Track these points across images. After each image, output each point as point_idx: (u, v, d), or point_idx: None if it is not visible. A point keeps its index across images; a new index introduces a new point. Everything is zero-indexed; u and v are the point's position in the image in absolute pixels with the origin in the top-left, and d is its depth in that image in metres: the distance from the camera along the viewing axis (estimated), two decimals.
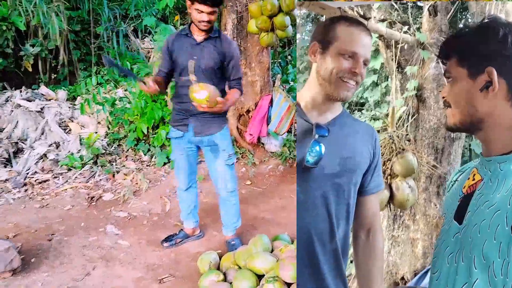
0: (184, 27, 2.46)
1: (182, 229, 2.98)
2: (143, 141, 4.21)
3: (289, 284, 2.17)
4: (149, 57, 5.76)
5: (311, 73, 1.34)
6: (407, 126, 2.55)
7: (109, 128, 4.34)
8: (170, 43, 2.44)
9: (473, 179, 1.01)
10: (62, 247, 2.81)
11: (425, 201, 2.70)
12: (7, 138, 3.94)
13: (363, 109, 5.06)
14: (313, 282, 1.26)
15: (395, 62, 2.47)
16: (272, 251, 2.55)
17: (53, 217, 3.21)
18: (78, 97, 4.85)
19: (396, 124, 2.26)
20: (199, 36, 2.39)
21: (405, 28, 2.50)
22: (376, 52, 4.41)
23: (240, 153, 4.40)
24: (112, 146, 4.20)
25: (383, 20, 2.59)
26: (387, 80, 4.69)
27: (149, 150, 4.18)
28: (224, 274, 2.45)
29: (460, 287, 0.90)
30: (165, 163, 4.07)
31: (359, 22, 1.32)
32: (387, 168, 2.03)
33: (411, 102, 2.64)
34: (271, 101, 4.44)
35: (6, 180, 3.57)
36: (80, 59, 5.32)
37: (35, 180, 3.63)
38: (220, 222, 3.22)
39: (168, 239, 2.92)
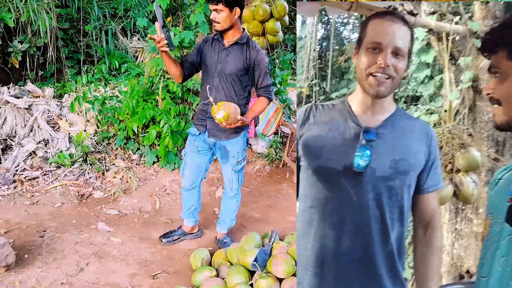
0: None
1: (181, 226, 3.04)
2: (133, 140, 4.25)
3: (280, 280, 2.27)
4: (137, 56, 5.78)
5: None
6: (465, 119, 2.47)
7: (98, 127, 4.35)
8: (203, 44, 2.49)
9: None
10: (55, 244, 2.85)
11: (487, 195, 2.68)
12: None
13: (418, 104, 4.99)
14: (369, 283, 1.27)
15: (447, 54, 2.34)
16: None
17: (43, 214, 3.23)
18: (65, 95, 4.85)
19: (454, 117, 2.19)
20: (227, 41, 2.43)
21: (457, 18, 2.39)
22: (428, 45, 4.33)
23: None
24: (102, 144, 4.22)
25: (433, 13, 2.48)
26: (441, 73, 4.45)
27: (138, 149, 4.22)
28: (216, 270, 2.53)
29: None
30: (154, 162, 4.12)
31: (388, 12, 1.28)
32: (448, 163, 1.96)
33: (467, 94, 2.52)
34: None
35: None
36: (68, 57, 5.31)
37: (25, 177, 3.64)
38: (209, 221, 3.32)
39: (166, 235, 2.99)
